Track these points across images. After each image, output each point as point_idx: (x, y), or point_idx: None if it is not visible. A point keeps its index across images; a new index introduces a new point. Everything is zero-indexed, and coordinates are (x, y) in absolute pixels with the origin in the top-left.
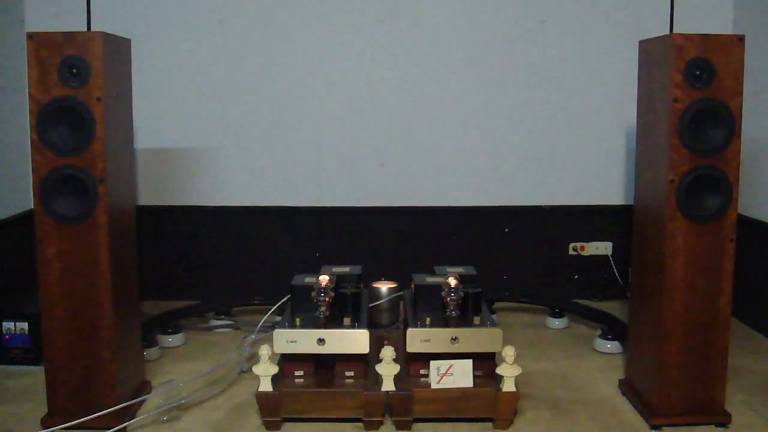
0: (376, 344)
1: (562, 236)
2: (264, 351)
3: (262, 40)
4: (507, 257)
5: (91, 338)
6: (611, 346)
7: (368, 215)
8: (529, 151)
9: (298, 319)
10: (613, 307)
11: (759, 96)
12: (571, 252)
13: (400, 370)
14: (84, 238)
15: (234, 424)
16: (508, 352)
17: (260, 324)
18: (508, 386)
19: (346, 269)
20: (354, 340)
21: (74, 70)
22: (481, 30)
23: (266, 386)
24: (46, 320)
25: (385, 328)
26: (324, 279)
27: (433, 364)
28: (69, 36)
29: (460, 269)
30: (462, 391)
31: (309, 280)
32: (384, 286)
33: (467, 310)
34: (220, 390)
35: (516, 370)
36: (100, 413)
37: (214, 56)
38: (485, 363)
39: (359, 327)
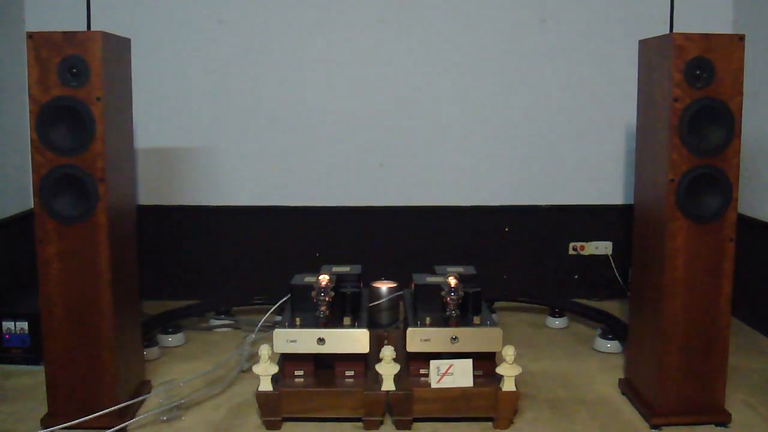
0: (376, 344)
1: (562, 236)
2: (264, 350)
3: (262, 40)
4: (507, 257)
5: (91, 338)
6: (611, 345)
7: (368, 215)
8: (529, 150)
9: (298, 319)
10: (613, 307)
11: (759, 96)
12: (571, 252)
13: (400, 369)
14: (84, 238)
15: (234, 424)
16: (508, 352)
17: (260, 324)
18: (508, 386)
19: (346, 269)
20: (354, 339)
21: (74, 70)
22: (481, 30)
23: (266, 386)
24: (46, 320)
25: (385, 327)
26: (324, 278)
27: (433, 363)
28: (69, 35)
29: (460, 269)
30: (462, 391)
31: (309, 279)
32: (384, 286)
33: (467, 310)
34: (220, 389)
35: (516, 370)
36: (100, 413)
37: (214, 56)
38: (485, 362)
39: (359, 326)
